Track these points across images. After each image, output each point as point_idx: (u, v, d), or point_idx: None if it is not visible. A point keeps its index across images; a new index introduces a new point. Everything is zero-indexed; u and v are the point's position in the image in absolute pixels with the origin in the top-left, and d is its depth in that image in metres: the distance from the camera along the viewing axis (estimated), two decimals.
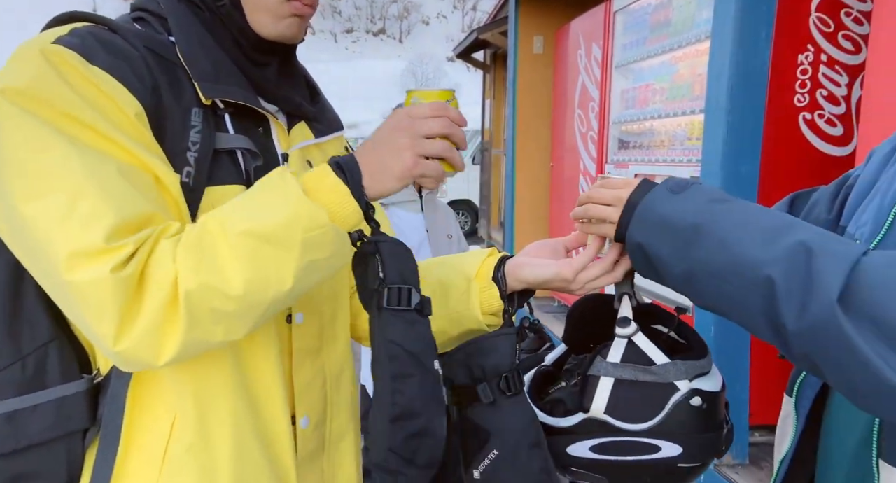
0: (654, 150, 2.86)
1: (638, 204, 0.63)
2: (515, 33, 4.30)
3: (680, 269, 0.60)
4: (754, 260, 0.54)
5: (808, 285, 0.51)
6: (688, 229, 0.59)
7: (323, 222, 0.59)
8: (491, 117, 7.54)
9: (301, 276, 0.59)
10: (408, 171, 0.63)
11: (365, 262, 0.65)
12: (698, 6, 2.38)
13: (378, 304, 0.64)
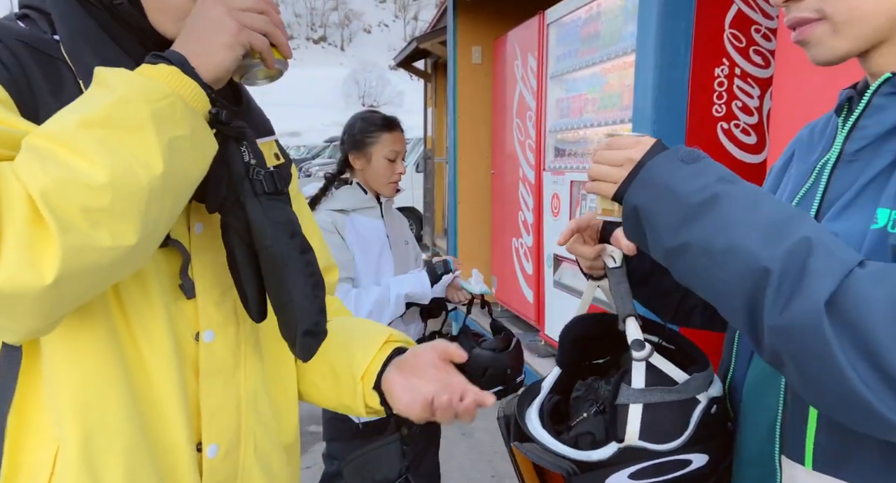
0: (589, 158, 2.97)
1: (644, 162, 0.62)
2: (454, 43, 4.36)
3: (673, 242, 0.58)
4: (755, 250, 0.52)
5: (800, 283, 0.50)
6: (693, 205, 0.56)
7: (166, 92, 0.55)
8: (433, 125, 7.59)
9: (169, 157, 0.54)
10: (233, 38, 0.60)
11: (225, 150, 0.62)
12: (624, 20, 2.50)
13: (255, 191, 0.62)
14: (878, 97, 0.59)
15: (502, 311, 4.23)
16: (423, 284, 1.65)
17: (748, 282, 0.52)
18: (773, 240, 0.52)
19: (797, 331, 0.50)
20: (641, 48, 2.06)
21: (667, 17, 1.94)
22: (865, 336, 0.47)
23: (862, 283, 0.49)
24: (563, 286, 3.20)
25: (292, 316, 0.63)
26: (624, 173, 0.63)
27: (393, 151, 1.68)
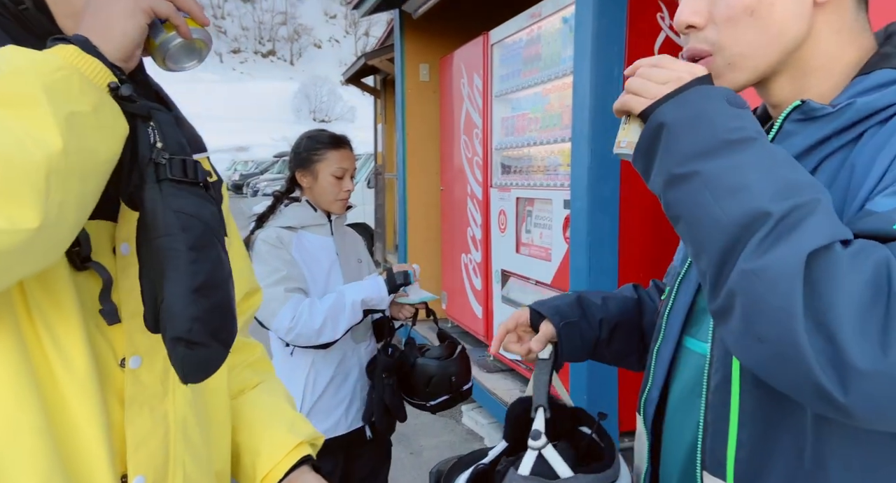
0: (533, 175, 3.04)
1: (691, 86, 0.58)
2: (402, 61, 4.40)
3: (682, 169, 0.54)
4: (763, 196, 0.50)
5: (793, 231, 0.49)
6: (722, 141, 0.54)
7: (60, 64, 0.51)
8: (383, 141, 7.60)
9: (69, 133, 0.49)
10: (132, 3, 0.57)
11: (133, 130, 0.57)
12: (563, 44, 2.59)
13: (158, 176, 0.57)
14: (787, 124, 0.61)
15: (452, 327, 4.24)
16: (379, 289, 1.62)
17: (741, 223, 0.50)
18: (785, 193, 0.50)
19: (771, 275, 0.48)
20: (578, 70, 2.14)
21: (600, 42, 2.03)
22: (825, 296, 0.46)
23: (843, 259, 0.48)
24: (510, 301, 3.24)
25: (162, 317, 0.57)
26: (665, 90, 0.58)
27: (340, 169, 1.67)
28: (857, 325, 0.46)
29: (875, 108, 0.57)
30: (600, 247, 2.17)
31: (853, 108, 0.57)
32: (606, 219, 2.15)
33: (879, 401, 0.46)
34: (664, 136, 0.57)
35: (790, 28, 0.60)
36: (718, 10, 0.61)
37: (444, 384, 1.63)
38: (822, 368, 0.46)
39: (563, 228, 2.56)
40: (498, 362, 3.47)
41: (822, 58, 0.62)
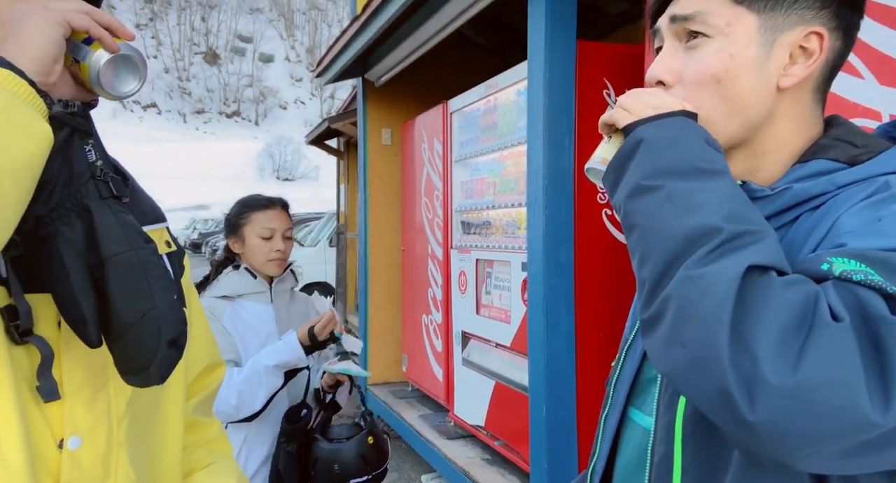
0: (492, 237, 3.10)
1: (677, 115, 0.61)
2: (364, 126, 4.51)
3: (649, 182, 0.57)
4: (718, 216, 0.53)
5: (737, 250, 0.51)
6: (693, 168, 0.57)
7: None
8: (346, 201, 7.65)
9: None
10: (44, 16, 0.56)
11: (69, 145, 0.55)
12: (518, 114, 2.72)
13: (100, 193, 0.57)
14: None
15: (412, 391, 4.15)
16: (292, 351, 1.51)
17: (692, 236, 0.53)
18: (739, 219, 0.53)
19: (707, 281, 0.49)
20: (531, 140, 2.25)
21: (552, 114, 2.15)
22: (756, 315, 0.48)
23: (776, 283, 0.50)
24: (471, 364, 3.21)
25: (154, 326, 0.57)
26: (651, 113, 0.61)
27: (266, 229, 1.63)
28: (777, 345, 0.47)
29: (810, 194, 0.60)
30: (557, 310, 2.19)
31: (790, 192, 0.61)
32: (562, 282, 2.19)
33: (784, 419, 0.46)
34: (640, 150, 0.59)
35: (752, 104, 0.63)
36: (688, 73, 0.64)
37: (323, 470, 1.50)
38: (735, 378, 0.47)
39: (521, 291, 2.59)
40: (459, 428, 3.38)
41: (777, 142, 0.65)
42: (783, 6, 0.62)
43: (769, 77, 0.63)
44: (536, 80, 2.19)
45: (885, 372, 0.46)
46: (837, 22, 0.63)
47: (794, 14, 0.62)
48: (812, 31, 0.62)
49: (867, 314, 0.47)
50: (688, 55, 0.64)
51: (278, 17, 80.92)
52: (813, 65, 0.63)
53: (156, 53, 70.45)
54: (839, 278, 0.49)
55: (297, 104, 74.90)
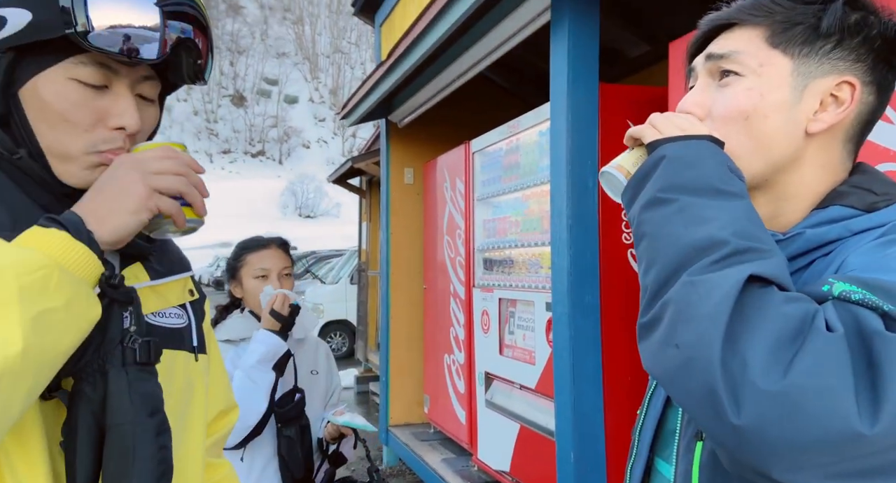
0: (514, 276, 3.08)
1: (703, 139, 0.62)
2: (387, 165, 4.59)
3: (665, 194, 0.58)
4: (726, 230, 0.54)
5: (742, 261, 0.52)
6: (711, 187, 0.58)
7: (40, 262, 0.52)
8: (368, 239, 7.71)
9: (33, 333, 0.50)
10: (142, 203, 0.59)
11: (107, 312, 0.58)
12: (540, 154, 2.74)
13: (124, 359, 0.58)
14: None
15: (434, 433, 4.06)
16: (264, 341, 1.48)
17: (699, 245, 0.54)
18: (749, 237, 0.54)
19: (708, 286, 0.50)
20: (554, 180, 2.25)
21: (575, 155, 2.16)
22: (751, 335, 0.48)
23: (777, 296, 0.50)
24: (494, 406, 3.14)
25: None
26: (678, 133, 0.63)
27: (260, 269, 1.61)
28: (769, 352, 0.47)
29: (824, 240, 0.61)
30: (584, 352, 2.15)
31: (803, 238, 0.62)
32: (588, 323, 2.15)
33: (769, 423, 0.46)
34: (661, 166, 0.61)
35: (779, 144, 0.64)
36: (717, 108, 0.65)
37: None
38: (724, 379, 0.47)
39: (546, 331, 2.55)
40: (483, 473, 3.29)
41: (801, 187, 0.66)
42: (818, 54, 0.63)
43: (798, 121, 0.63)
44: (559, 122, 2.21)
45: (875, 384, 0.45)
46: (872, 77, 0.64)
47: (827, 63, 0.63)
48: (844, 81, 0.63)
49: (862, 328, 0.48)
50: (719, 92, 0.66)
51: (303, 61, 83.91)
52: (843, 113, 0.63)
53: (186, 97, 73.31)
54: (838, 298, 0.50)
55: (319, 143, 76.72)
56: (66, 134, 0.64)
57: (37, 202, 0.65)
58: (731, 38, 0.66)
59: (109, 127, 0.66)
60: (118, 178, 0.61)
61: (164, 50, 0.64)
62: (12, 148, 0.65)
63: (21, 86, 0.64)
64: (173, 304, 0.76)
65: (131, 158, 0.62)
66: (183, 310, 0.77)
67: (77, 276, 0.56)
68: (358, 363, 7.75)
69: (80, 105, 0.64)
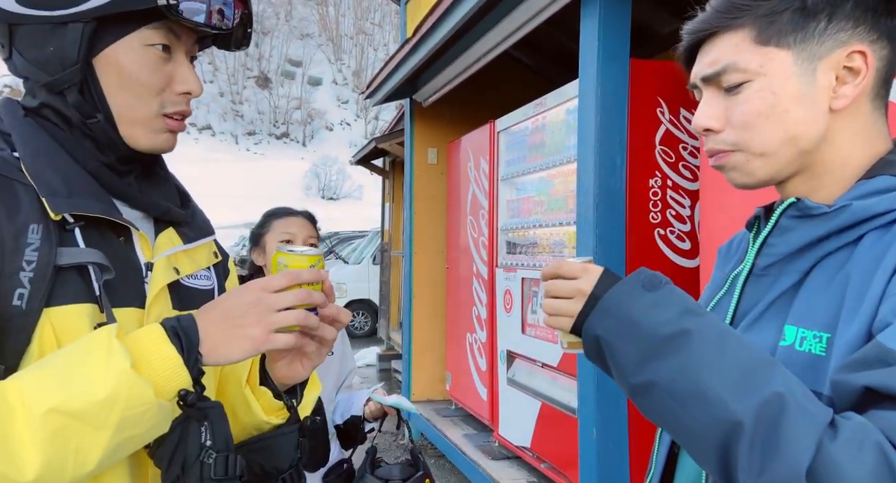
0: (538, 256, 3.08)
1: (601, 296, 0.60)
2: (411, 145, 4.59)
3: (637, 379, 0.55)
4: (725, 399, 0.51)
5: (776, 444, 0.48)
6: (659, 340, 0.55)
7: (147, 400, 0.56)
8: (390, 220, 7.75)
9: (108, 457, 0.55)
10: (255, 347, 0.63)
11: (184, 429, 0.61)
12: (567, 133, 2.72)
13: (201, 476, 0.60)
14: (784, 219, 0.64)
15: (456, 409, 4.12)
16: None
17: (719, 432, 0.51)
18: (743, 390, 0.51)
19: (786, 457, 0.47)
20: (582, 159, 2.23)
21: (603, 133, 2.14)
22: None
23: (840, 456, 0.47)
24: (516, 384, 3.17)
25: None
26: (577, 306, 0.62)
27: (286, 234, 1.57)
28: None
29: (873, 212, 0.59)
30: None
31: (849, 210, 0.59)
32: None
33: None
34: (606, 348, 0.59)
35: (806, 131, 0.63)
36: (734, 116, 0.64)
37: None
38: None
39: None
40: (503, 449, 3.33)
41: (836, 160, 0.64)
42: (815, 35, 0.61)
43: (818, 103, 0.62)
44: (588, 99, 2.18)
45: None
46: (878, 33, 0.62)
47: (828, 40, 0.61)
48: (853, 51, 0.61)
49: None
50: (731, 101, 0.64)
51: (327, 42, 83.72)
52: (862, 83, 0.62)
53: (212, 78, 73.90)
54: None
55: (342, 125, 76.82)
56: (139, 98, 0.69)
57: (86, 167, 0.68)
58: (718, 48, 0.64)
59: (176, 91, 0.71)
60: (244, 315, 0.63)
61: (236, 18, 0.70)
62: (89, 112, 0.68)
63: (97, 53, 0.67)
64: (203, 266, 0.79)
65: (260, 291, 0.64)
66: (210, 272, 0.81)
67: (167, 403, 0.59)
68: (380, 341, 7.85)
69: (154, 70, 0.68)
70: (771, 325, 0.63)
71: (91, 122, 0.68)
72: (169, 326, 0.60)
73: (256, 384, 0.76)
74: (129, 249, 0.70)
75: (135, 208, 0.72)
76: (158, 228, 0.74)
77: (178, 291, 0.73)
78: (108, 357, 0.55)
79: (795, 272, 0.63)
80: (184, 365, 0.59)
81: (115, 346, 0.56)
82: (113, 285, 0.65)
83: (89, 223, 0.66)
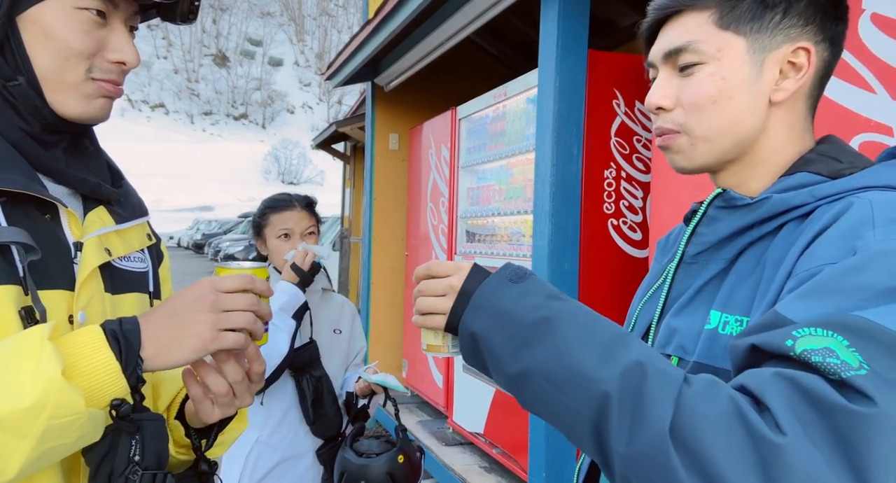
0: (496, 244, 3.10)
1: (474, 292, 0.60)
2: (372, 130, 4.53)
3: (515, 368, 0.57)
4: (592, 374, 0.53)
5: (641, 409, 0.50)
6: (527, 327, 0.56)
7: (76, 409, 0.53)
8: (351, 205, 7.66)
9: (30, 465, 0.52)
10: (203, 346, 0.60)
11: (114, 440, 0.58)
12: (526, 122, 2.73)
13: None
14: (712, 209, 0.68)
15: (412, 396, 4.13)
16: (287, 290, 1.52)
17: (592, 407, 0.52)
18: (605, 359, 0.53)
19: (646, 459, 0.49)
20: (539, 147, 2.25)
21: (561, 122, 2.15)
22: (707, 463, 0.47)
23: (694, 403, 0.49)
24: (471, 371, 3.20)
25: None
26: (449, 303, 0.63)
27: (283, 230, 1.62)
28: (735, 463, 0.46)
29: (790, 204, 0.62)
30: None
31: (770, 202, 0.63)
32: (567, 290, 2.17)
33: None
34: (481, 342, 0.60)
35: (746, 120, 0.66)
36: (685, 96, 0.67)
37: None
38: None
39: None
40: (457, 435, 3.37)
41: (767, 152, 0.67)
42: (769, 28, 0.65)
43: (761, 94, 0.65)
44: (546, 88, 2.20)
45: (854, 470, 0.45)
46: (823, 35, 0.66)
47: (780, 34, 0.65)
48: (799, 47, 0.65)
49: (819, 416, 0.46)
50: (684, 81, 0.67)
51: (288, 22, 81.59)
52: (802, 78, 0.65)
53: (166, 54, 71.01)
54: (797, 361, 0.49)
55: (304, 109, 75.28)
56: (67, 61, 0.64)
57: (8, 138, 0.64)
58: (682, 25, 0.67)
59: (108, 60, 0.67)
60: (192, 311, 0.61)
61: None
62: (9, 75, 0.64)
63: (21, 12, 0.63)
64: (136, 248, 0.76)
65: (211, 289, 0.62)
66: (144, 254, 0.77)
67: (99, 412, 0.56)
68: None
69: (85, 34, 0.64)
70: (698, 310, 0.66)
71: (11, 86, 0.64)
72: (108, 329, 0.57)
73: (174, 415, 0.73)
74: (56, 228, 0.65)
75: (61, 184, 0.68)
76: (88, 207, 0.70)
77: (110, 273, 0.69)
78: (38, 362, 0.52)
79: (722, 260, 0.67)
80: (121, 372, 0.56)
81: (47, 349, 0.53)
82: (39, 266, 0.61)
83: (12, 199, 0.61)
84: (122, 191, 0.75)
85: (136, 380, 0.58)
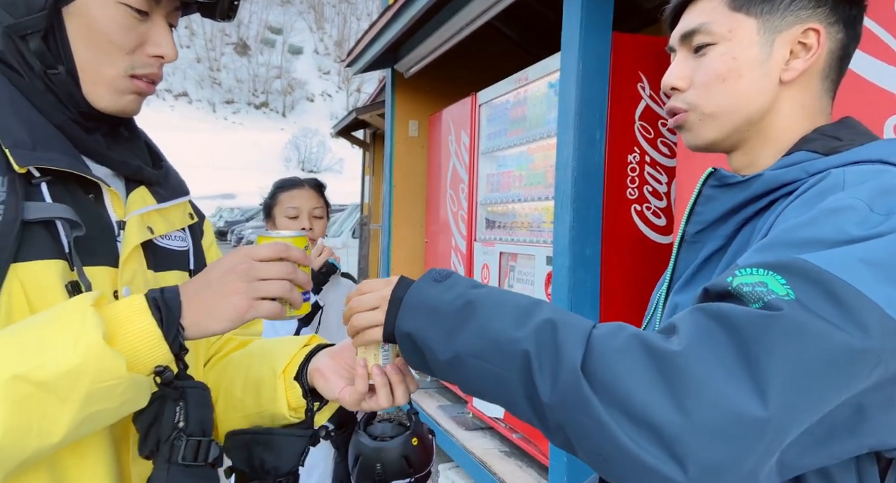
0: (516, 231, 3.08)
1: (403, 297, 0.64)
2: (392, 117, 4.52)
3: (447, 355, 0.60)
4: (511, 337, 0.56)
5: (556, 356, 0.54)
6: (453, 315, 0.60)
7: (118, 374, 0.54)
8: (370, 193, 7.69)
9: (75, 429, 0.54)
10: (239, 315, 0.61)
11: (160, 407, 0.59)
12: (548, 107, 2.70)
13: (169, 457, 0.58)
14: (706, 188, 0.69)
15: (431, 381, 4.16)
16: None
17: (516, 368, 0.55)
18: (521, 322, 0.57)
19: (567, 399, 0.52)
20: (561, 133, 2.22)
21: (584, 106, 2.12)
22: (616, 388, 0.50)
23: (601, 341, 0.54)
24: None
25: None
26: (383, 313, 0.65)
27: (292, 208, 1.64)
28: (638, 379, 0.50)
29: (781, 181, 0.63)
30: (582, 304, 2.18)
31: (761, 179, 0.64)
32: (588, 277, 2.17)
33: (712, 458, 0.47)
34: (417, 340, 0.62)
35: (754, 99, 0.68)
36: (698, 77, 0.70)
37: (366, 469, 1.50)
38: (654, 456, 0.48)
39: (545, 284, 2.57)
40: (477, 420, 3.39)
41: (778, 131, 0.69)
42: (779, 9, 0.67)
43: (771, 73, 0.67)
44: (569, 72, 2.16)
45: (749, 368, 0.48)
46: (836, 16, 0.67)
47: (790, 15, 0.67)
48: (809, 28, 0.66)
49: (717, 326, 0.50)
50: (698, 62, 0.70)
51: (308, 10, 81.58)
52: (811, 59, 0.67)
53: (189, 43, 71.66)
54: (731, 294, 0.52)
55: (323, 97, 75.46)
56: (107, 55, 0.66)
57: (52, 121, 0.66)
58: (698, 9, 0.70)
59: (148, 54, 0.68)
60: (227, 282, 0.61)
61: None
62: (51, 63, 0.65)
63: (67, 3, 0.64)
64: (177, 227, 0.77)
65: (245, 258, 0.62)
66: (185, 233, 0.79)
67: (143, 378, 0.57)
68: None
69: (127, 29, 0.66)
70: (698, 286, 0.67)
71: (51, 73, 0.65)
72: (150, 298, 0.59)
73: (292, 376, 0.75)
74: (99, 207, 0.68)
75: (103, 165, 0.70)
76: (130, 187, 0.72)
77: (152, 251, 0.72)
78: (81, 327, 0.54)
79: (720, 237, 0.68)
80: (163, 338, 0.57)
81: (90, 315, 0.54)
82: (83, 243, 0.62)
83: (57, 178, 0.63)
84: (162, 172, 0.77)
85: (179, 347, 0.59)
